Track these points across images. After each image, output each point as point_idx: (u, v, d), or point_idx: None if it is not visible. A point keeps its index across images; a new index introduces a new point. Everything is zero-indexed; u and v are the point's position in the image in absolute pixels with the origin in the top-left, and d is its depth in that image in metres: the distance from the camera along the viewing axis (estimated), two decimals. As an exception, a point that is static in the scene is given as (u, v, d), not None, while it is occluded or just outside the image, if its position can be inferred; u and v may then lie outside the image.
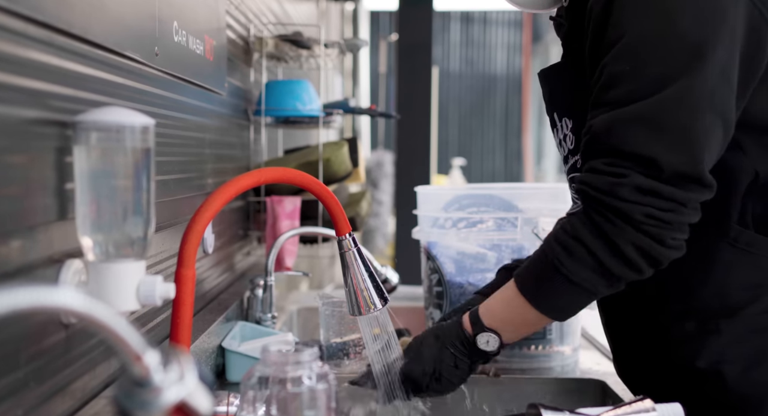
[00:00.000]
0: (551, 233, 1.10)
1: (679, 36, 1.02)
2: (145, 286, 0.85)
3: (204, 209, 1.01)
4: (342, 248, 1.16)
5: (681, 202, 1.01)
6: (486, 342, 1.15)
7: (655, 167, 1.00)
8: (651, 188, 1.00)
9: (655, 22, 1.03)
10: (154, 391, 0.65)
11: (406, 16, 3.92)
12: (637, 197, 1.00)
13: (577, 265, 1.05)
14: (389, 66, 7.26)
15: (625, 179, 1.00)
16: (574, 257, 1.05)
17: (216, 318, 1.46)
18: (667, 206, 1.00)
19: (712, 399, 1.13)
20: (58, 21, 0.82)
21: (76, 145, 0.82)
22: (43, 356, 0.82)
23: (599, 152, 1.04)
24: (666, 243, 1.02)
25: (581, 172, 1.08)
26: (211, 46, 1.52)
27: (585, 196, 1.05)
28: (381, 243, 5.55)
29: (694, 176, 1.00)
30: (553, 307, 1.11)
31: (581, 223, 1.05)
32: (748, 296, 1.11)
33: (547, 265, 1.08)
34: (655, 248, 1.02)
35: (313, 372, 0.89)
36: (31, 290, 0.55)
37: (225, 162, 1.74)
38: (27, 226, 0.79)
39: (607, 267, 1.04)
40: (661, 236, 1.01)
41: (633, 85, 1.03)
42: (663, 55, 1.02)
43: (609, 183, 1.01)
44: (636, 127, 1.01)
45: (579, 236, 1.04)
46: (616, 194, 1.01)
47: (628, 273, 1.04)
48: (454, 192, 1.68)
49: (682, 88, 1.00)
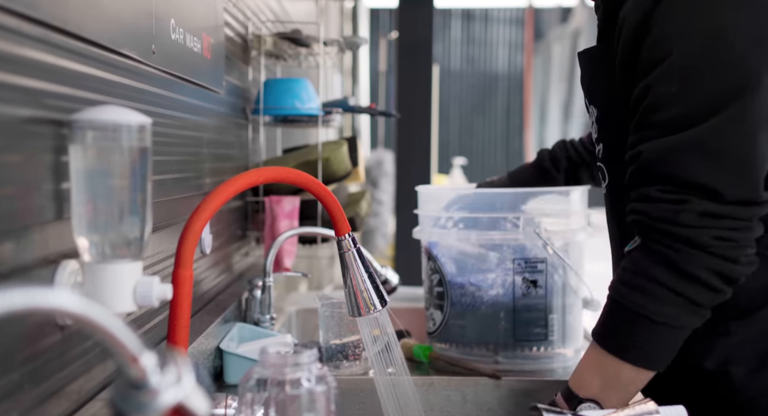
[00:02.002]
0: (615, 279, 1.04)
1: (731, 57, 0.98)
2: (141, 287, 0.84)
3: (201, 208, 1.00)
4: (341, 248, 1.15)
5: (745, 219, 0.99)
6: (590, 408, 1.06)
7: (716, 194, 0.97)
8: (713, 211, 0.97)
9: (705, 41, 0.99)
10: (151, 393, 0.64)
11: (407, 14, 3.91)
12: (701, 221, 0.97)
13: (657, 303, 1.00)
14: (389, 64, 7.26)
15: (687, 205, 0.97)
16: (650, 295, 1.00)
17: (214, 319, 1.45)
18: (733, 225, 0.98)
19: (719, 401, 1.12)
20: (52, 18, 0.81)
21: (72, 144, 0.81)
22: (38, 358, 0.81)
23: (652, 179, 1.00)
24: (739, 261, 1.00)
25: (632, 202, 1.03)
26: (209, 44, 1.51)
27: (643, 226, 1.01)
28: (381, 243, 5.54)
29: (753, 199, 0.99)
30: (643, 355, 1.03)
31: (645, 258, 1.00)
32: (761, 298, 1.10)
33: (623, 312, 1.02)
34: (729, 268, 0.99)
35: (312, 374, 0.89)
36: (26, 292, 0.55)
37: (223, 161, 1.73)
38: (22, 226, 0.78)
39: (688, 297, 1.00)
40: (733, 255, 0.99)
41: (684, 108, 0.99)
42: (715, 77, 0.98)
43: (670, 211, 0.98)
44: (692, 154, 0.98)
45: (648, 273, 1.00)
46: (678, 222, 0.97)
47: (710, 296, 1.01)
48: (454, 192, 1.68)
49: (736, 111, 0.97)
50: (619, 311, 1.03)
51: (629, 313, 1.01)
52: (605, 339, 1.04)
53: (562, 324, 1.57)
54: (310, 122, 2.05)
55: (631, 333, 1.02)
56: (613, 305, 1.04)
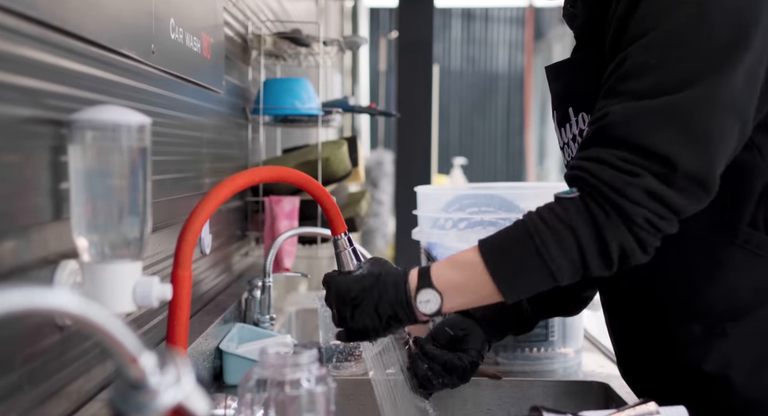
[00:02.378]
0: (536, 212, 1.04)
1: (712, 34, 0.99)
2: (141, 287, 0.84)
3: (200, 208, 1.00)
4: (337, 247, 1.16)
5: (679, 212, 0.99)
6: (426, 300, 1.05)
7: (670, 166, 0.97)
8: (659, 193, 0.97)
9: (689, 18, 1.00)
10: (150, 394, 0.64)
11: (407, 13, 3.91)
12: (644, 200, 0.98)
13: (560, 252, 1.00)
14: (389, 64, 7.25)
15: (638, 180, 0.98)
16: (560, 242, 1.00)
17: (213, 319, 1.45)
18: (666, 215, 0.98)
19: (718, 403, 1.12)
20: (52, 18, 0.81)
21: (71, 144, 0.81)
22: (37, 358, 0.81)
23: (611, 141, 1.01)
24: (647, 250, 1.01)
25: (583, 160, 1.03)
26: (209, 43, 1.51)
27: (587, 185, 1.01)
28: (381, 244, 5.54)
29: (704, 180, 0.98)
30: (513, 285, 1.03)
31: (577, 211, 1.01)
32: (757, 299, 1.10)
33: (525, 241, 1.02)
34: (635, 253, 1.00)
35: (311, 374, 0.89)
36: (26, 292, 0.55)
37: (223, 161, 1.73)
38: (21, 226, 0.78)
39: (587, 262, 1.00)
40: (646, 242, 0.99)
41: (659, 78, 1.00)
42: (694, 52, 1.00)
43: (620, 180, 0.98)
44: (657, 121, 0.99)
45: (572, 224, 1.00)
46: (624, 193, 0.98)
47: (599, 271, 1.02)
48: (454, 192, 1.67)
49: (709, 87, 0.98)
50: (522, 240, 1.02)
51: (530, 246, 1.01)
52: (491, 256, 1.04)
53: (563, 324, 1.57)
54: (310, 121, 2.05)
55: (519, 263, 1.02)
56: (520, 233, 1.03)
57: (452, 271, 1.06)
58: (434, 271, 1.07)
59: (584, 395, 1.47)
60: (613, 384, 1.45)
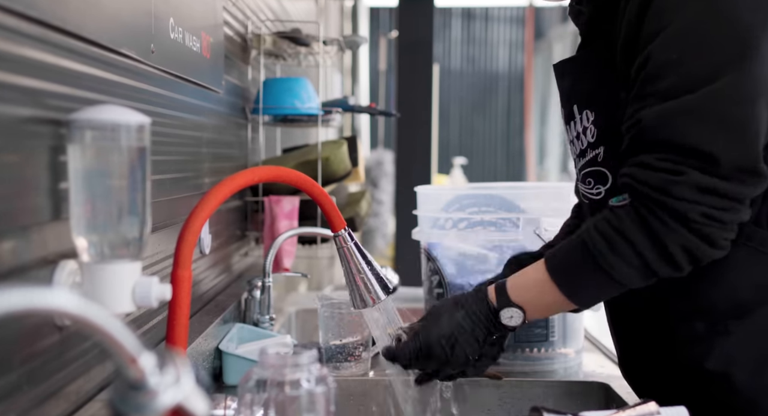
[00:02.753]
0: (592, 222, 1.08)
1: (729, 23, 0.99)
2: (140, 287, 0.84)
3: (200, 208, 0.99)
4: (338, 244, 1.16)
5: (739, 199, 0.99)
6: (510, 317, 1.14)
7: (713, 161, 0.98)
8: (709, 186, 0.97)
9: (704, 9, 1.00)
10: (150, 394, 0.64)
11: (407, 13, 3.90)
12: (695, 196, 0.98)
13: (620, 261, 1.03)
14: (389, 63, 7.25)
15: (682, 177, 0.98)
16: (617, 252, 1.03)
17: (213, 319, 1.44)
18: (725, 205, 0.99)
19: (720, 402, 1.11)
20: (52, 18, 0.81)
21: (71, 144, 0.81)
22: (36, 358, 0.81)
23: (650, 145, 1.01)
24: (717, 244, 1.01)
25: (627, 167, 1.05)
26: (208, 43, 1.51)
27: (635, 193, 1.02)
28: (381, 244, 5.54)
29: (752, 168, 0.99)
30: (583, 297, 1.11)
31: (629, 218, 1.02)
32: (760, 296, 1.09)
33: (585, 255, 1.06)
34: (703, 249, 1.01)
35: (311, 374, 0.88)
36: (25, 292, 0.55)
37: (222, 161, 1.72)
38: (20, 226, 0.78)
39: (651, 267, 1.02)
40: (713, 236, 1.00)
41: (682, 76, 1.00)
42: (713, 44, 1.00)
43: (664, 181, 0.98)
44: (690, 120, 0.99)
45: (625, 232, 1.02)
46: (671, 193, 0.98)
47: (668, 271, 1.04)
48: (454, 192, 1.67)
49: (734, 77, 0.98)
50: (583, 253, 1.07)
51: (590, 259, 1.05)
52: (557, 271, 1.11)
53: (563, 324, 1.57)
54: (310, 121, 2.05)
55: (584, 276, 1.08)
56: (579, 245, 1.08)
57: (526, 288, 1.14)
58: (510, 288, 1.15)
59: (585, 395, 1.47)
60: (614, 384, 1.44)
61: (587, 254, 1.06)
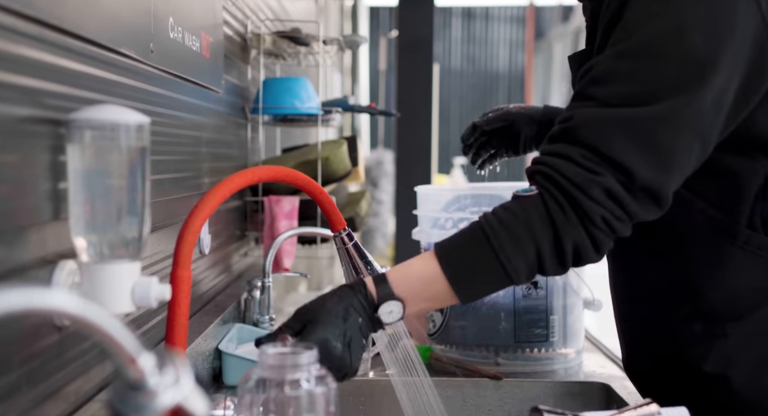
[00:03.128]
0: (492, 212, 1.02)
1: (686, 51, 0.99)
2: (140, 287, 0.83)
3: (199, 208, 0.99)
4: (338, 244, 1.16)
5: (632, 216, 0.99)
6: (389, 311, 1.01)
7: (628, 176, 0.97)
8: (618, 194, 0.97)
9: (668, 29, 1.00)
10: (149, 395, 0.64)
11: (407, 12, 3.90)
12: (603, 199, 0.97)
13: (517, 252, 0.99)
14: (389, 63, 7.25)
15: (600, 178, 0.97)
16: (518, 244, 0.99)
17: (213, 320, 1.44)
18: (621, 216, 0.98)
19: (718, 404, 1.12)
20: (50, 17, 0.80)
21: (70, 143, 0.81)
22: (35, 359, 0.81)
23: (577, 142, 1.00)
24: (600, 251, 1.00)
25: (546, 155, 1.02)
26: (208, 42, 1.51)
27: (550, 180, 1.00)
28: (381, 244, 5.54)
29: (658, 196, 0.99)
30: (471, 291, 1.03)
31: (535, 209, 0.99)
32: (757, 299, 1.10)
33: (481, 245, 1.00)
34: (588, 252, 0.99)
35: (311, 375, 0.88)
36: (24, 292, 0.54)
37: (222, 161, 1.72)
38: (19, 226, 0.78)
39: (543, 262, 0.99)
40: (602, 242, 0.99)
41: (627, 88, 1.00)
42: (665, 68, 0.99)
43: (583, 177, 0.98)
44: (620, 132, 0.98)
45: (529, 222, 0.99)
46: (586, 192, 0.97)
47: (555, 269, 1.00)
48: (454, 192, 1.67)
49: (676, 106, 0.98)
50: (478, 242, 1.00)
51: (484, 247, 0.99)
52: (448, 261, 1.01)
53: (563, 324, 1.57)
54: (310, 121, 2.05)
55: (473, 263, 1.01)
56: (476, 234, 1.01)
57: (411, 279, 1.03)
58: (392, 279, 1.02)
59: (585, 396, 1.47)
60: (614, 384, 1.44)
61: (485, 244, 1.00)
